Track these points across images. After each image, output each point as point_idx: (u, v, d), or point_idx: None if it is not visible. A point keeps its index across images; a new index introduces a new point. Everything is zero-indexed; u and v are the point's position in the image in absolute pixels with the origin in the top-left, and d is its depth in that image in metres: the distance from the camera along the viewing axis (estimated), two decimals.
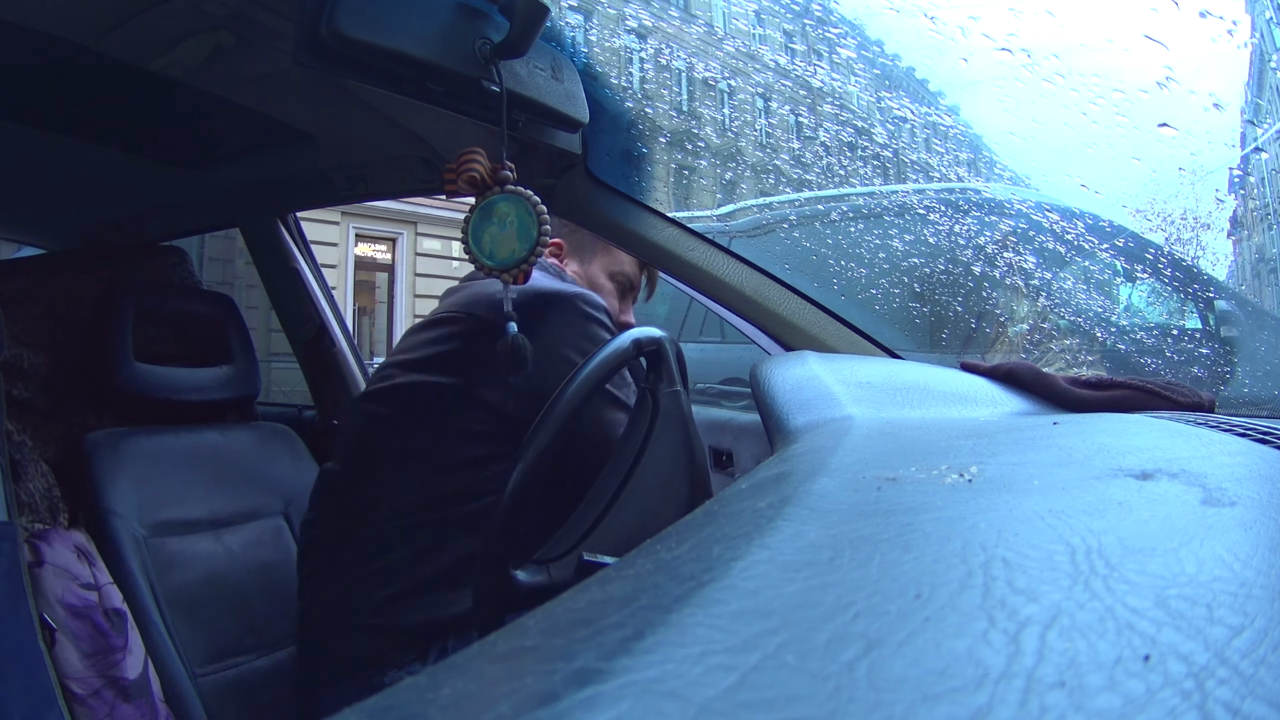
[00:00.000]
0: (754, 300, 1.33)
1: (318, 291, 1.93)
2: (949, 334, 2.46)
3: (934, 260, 2.48)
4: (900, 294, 2.39)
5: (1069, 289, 2.40)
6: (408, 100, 1.00)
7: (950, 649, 0.22)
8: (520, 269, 0.97)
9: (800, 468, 0.49)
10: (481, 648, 0.26)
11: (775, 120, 6.95)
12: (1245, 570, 0.28)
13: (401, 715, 0.21)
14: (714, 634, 0.23)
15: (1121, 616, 0.24)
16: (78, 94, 1.24)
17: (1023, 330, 2.39)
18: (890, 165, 3.32)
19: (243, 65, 1.17)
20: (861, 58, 3.33)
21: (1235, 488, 0.38)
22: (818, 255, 2.62)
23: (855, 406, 0.73)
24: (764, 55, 5.91)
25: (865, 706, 0.19)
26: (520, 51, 0.99)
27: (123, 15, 1.02)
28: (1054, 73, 1.76)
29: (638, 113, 1.46)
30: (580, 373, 0.96)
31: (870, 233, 2.69)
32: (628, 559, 0.36)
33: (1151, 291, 2.57)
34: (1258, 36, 2.10)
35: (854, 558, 0.30)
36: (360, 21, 0.86)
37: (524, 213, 0.97)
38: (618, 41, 1.60)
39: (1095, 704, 0.19)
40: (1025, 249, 2.31)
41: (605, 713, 0.19)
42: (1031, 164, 3.11)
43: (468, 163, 0.97)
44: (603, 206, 1.33)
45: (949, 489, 0.39)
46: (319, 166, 1.60)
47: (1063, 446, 0.51)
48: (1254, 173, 2.44)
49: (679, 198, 5.88)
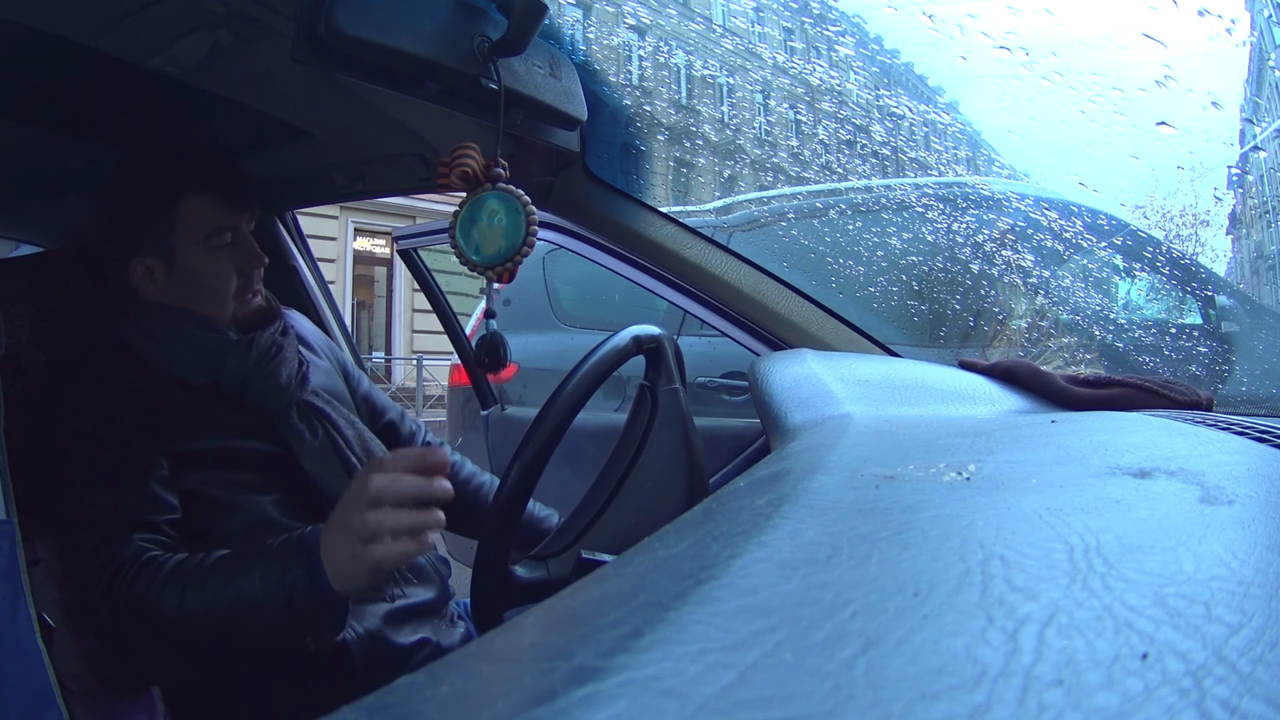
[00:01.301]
0: (752, 298, 1.33)
1: (315, 288, 1.92)
2: (947, 332, 2.47)
3: (932, 257, 2.48)
4: (898, 291, 2.39)
5: (1067, 286, 2.40)
6: (406, 98, 0.99)
7: (948, 647, 0.22)
8: (505, 266, 0.97)
9: (798, 466, 0.49)
10: (480, 645, 0.26)
11: (774, 117, 6.95)
12: (1243, 568, 0.28)
13: (400, 713, 0.21)
14: (712, 632, 0.23)
15: (1119, 614, 0.24)
16: (76, 91, 1.24)
17: (1021, 328, 2.39)
18: (889, 162, 3.32)
19: (241, 63, 1.16)
20: (860, 55, 3.33)
21: (1233, 486, 0.38)
22: (816, 253, 2.62)
23: (853, 404, 0.73)
24: (762, 52, 5.92)
25: (863, 704, 0.19)
26: (518, 49, 0.99)
27: (121, 13, 1.02)
28: (1052, 70, 1.76)
29: (636, 110, 1.46)
30: (579, 370, 0.96)
31: (868, 230, 2.69)
32: (626, 556, 0.36)
33: (1150, 289, 2.57)
34: (1256, 35, 2.10)
35: (852, 556, 0.30)
36: (358, 19, 0.86)
37: (513, 211, 0.97)
38: (616, 39, 1.60)
39: (1093, 702, 0.19)
40: (1024, 246, 2.31)
41: (603, 710, 0.19)
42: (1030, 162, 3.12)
43: (461, 157, 0.97)
44: (601, 204, 1.33)
45: (947, 487, 0.39)
46: (317, 164, 1.59)
47: (1061, 445, 0.51)
48: (1252, 170, 2.44)
49: (677, 194, 5.87)
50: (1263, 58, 2.12)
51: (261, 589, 0.95)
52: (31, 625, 0.86)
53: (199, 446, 1.11)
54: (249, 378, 1.15)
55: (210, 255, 1.16)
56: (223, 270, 1.16)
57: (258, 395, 1.15)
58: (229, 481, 1.12)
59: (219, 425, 1.14)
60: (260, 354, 1.16)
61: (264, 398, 1.16)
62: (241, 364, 1.14)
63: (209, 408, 1.14)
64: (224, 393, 1.15)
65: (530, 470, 0.91)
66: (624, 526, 1.03)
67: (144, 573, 0.99)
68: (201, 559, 1.00)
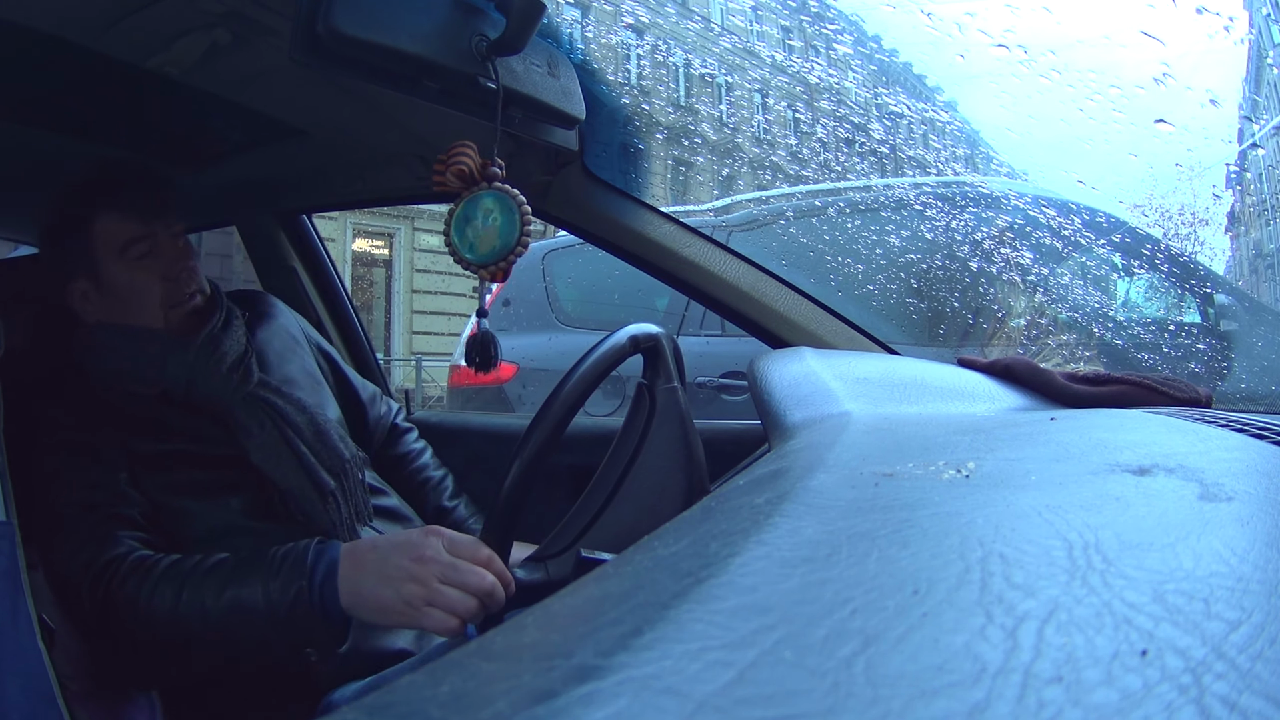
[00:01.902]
0: (751, 296, 1.33)
1: (311, 289, 1.92)
2: (946, 330, 2.47)
3: (931, 255, 2.49)
4: (897, 289, 2.39)
5: (1066, 284, 2.40)
6: (405, 97, 0.99)
7: (948, 644, 0.22)
8: (499, 266, 0.97)
9: (798, 464, 0.49)
10: (480, 644, 0.26)
11: (772, 116, 6.96)
12: (1242, 565, 0.28)
13: (401, 712, 0.21)
14: (712, 630, 0.23)
15: (1119, 611, 0.24)
16: (74, 92, 1.24)
17: (1020, 325, 2.39)
18: (887, 160, 3.33)
19: (239, 63, 1.16)
20: (858, 53, 3.33)
21: (1232, 483, 0.38)
22: (814, 251, 2.62)
23: (852, 402, 0.73)
24: (761, 51, 5.92)
25: (863, 702, 0.19)
26: (517, 48, 0.99)
27: (119, 13, 1.02)
28: (1050, 68, 1.76)
29: (635, 109, 1.46)
30: (577, 369, 0.96)
31: (867, 228, 2.69)
32: (625, 555, 0.36)
33: (1149, 286, 2.58)
34: (1255, 32, 2.10)
35: (851, 554, 0.30)
36: (356, 18, 0.86)
37: (507, 210, 0.96)
38: (615, 38, 1.60)
39: (1092, 699, 0.19)
40: (1022, 244, 2.32)
41: (603, 709, 0.19)
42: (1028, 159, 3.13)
43: (457, 156, 0.97)
44: (599, 203, 1.33)
45: (946, 485, 0.39)
46: (316, 164, 1.59)
47: (1060, 442, 0.51)
48: (1251, 168, 2.45)
49: (676, 193, 5.88)
50: (1261, 55, 2.12)
51: (264, 596, 0.95)
52: (32, 627, 0.86)
53: (158, 450, 1.12)
54: (192, 379, 1.16)
55: (130, 268, 1.17)
56: (147, 281, 1.18)
57: (204, 394, 1.16)
58: (190, 486, 1.13)
59: (175, 432, 1.15)
60: (197, 352, 1.16)
61: (210, 395, 1.16)
62: (182, 367, 1.15)
63: (164, 416, 1.16)
64: (174, 398, 1.16)
65: (529, 469, 0.91)
66: (623, 525, 1.03)
67: (135, 572, 1.00)
68: (199, 561, 1.01)
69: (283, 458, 1.15)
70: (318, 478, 1.15)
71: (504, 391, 3.35)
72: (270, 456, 1.15)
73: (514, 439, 0.93)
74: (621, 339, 1.02)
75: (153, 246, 1.18)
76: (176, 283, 1.19)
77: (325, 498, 1.15)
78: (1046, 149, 2.60)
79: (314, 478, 1.15)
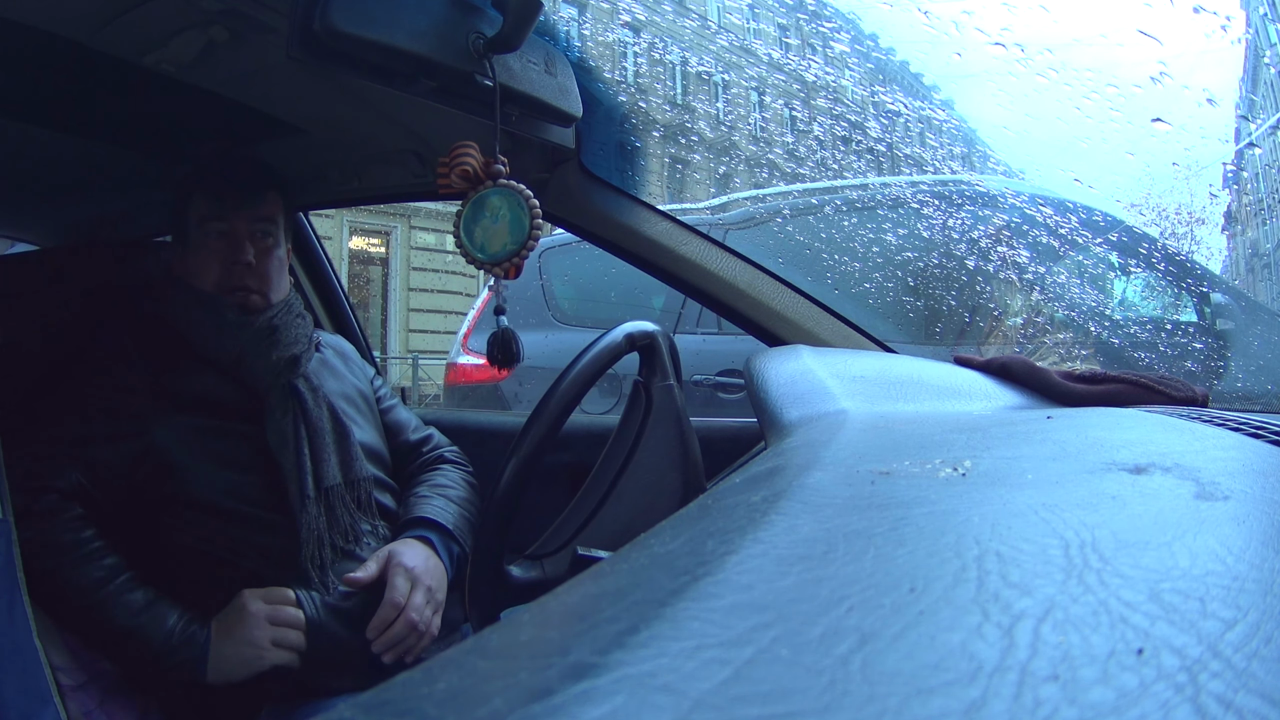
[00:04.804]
0: (748, 294, 1.33)
1: (309, 288, 1.91)
2: (943, 328, 2.47)
3: (928, 254, 2.49)
4: (894, 288, 2.39)
5: (1063, 283, 2.41)
6: (401, 95, 0.99)
7: (944, 643, 0.22)
8: (511, 262, 0.98)
9: (794, 462, 0.49)
10: (476, 642, 0.26)
11: (769, 114, 6.95)
12: (1238, 564, 0.28)
13: (397, 710, 0.21)
14: (708, 628, 0.23)
15: (1115, 610, 0.24)
16: (70, 89, 1.23)
17: (1016, 324, 2.40)
18: (884, 159, 3.33)
19: (236, 60, 1.16)
20: (855, 51, 3.33)
21: (1228, 482, 0.38)
22: (811, 249, 2.62)
23: (849, 400, 0.73)
24: (758, 49, 5.92)
25: (859, 700, 0.19)
26: (513, 46, 0.99)
27: (115, 10, 1.02)
28: (1048, 67, 1.76)
29: (631, 107, 1.46)
30: (573, 367, 0.96)
31: (864, 226, 2.69)
32: (622, 553, 0.36)
33: (1145, 285, 2.58)
34: (1252, 32, 2.11)
35: (848, 552, 0.30)
36: (353, 16, 0.86)
37: (516, 207, 0.97)
38: (611, 35, 1.60)
39: (1088, 697, 0.19)
40: (1019, 243, 2.32)
41: (600, 707, 0.19)
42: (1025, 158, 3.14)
43: (460, 156, 0.97)
44: (596, 201, 1.33)
45: (943, 483, 0.39)
46: (313, 162, 1.59)
47: (1056, 441, 0.52)
48: (1248, 168, 2.45)
49: (673, 191, 5.87)
50: (1258, 55, 2.12)
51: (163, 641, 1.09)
52: (28, 623, 0.86)
53: (190, 392, 1.21)
54: (242, 355, 1.23)
55: (202, 243, 1.27)
56: (209, 259, 1.28)
57: (250, 372, 1.23)
58: (204, 449, 1.19)
59: (211, 391, 1.23)
60: (252, 332, 1.24)
61: (255, 374, 1.23)
62: (233, 340, 1.23)
63: (208, 377, 1.24)
64: (224, 366, 1.24)
65: (525, 467, 0.91)
66: (620, 523, 1.03)
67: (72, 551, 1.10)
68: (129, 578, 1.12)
69: (288, 448, 1.20)
70: (303, 480, 1.19)
71: (500, 389, 3.35)
72: (282, 442, 1.20)
73: (510, 437, 0.93)
74: (618, 337, 1.02)
75: (226, 231, 1.27)
76: (230, 271, 1.26)
77: (302, 500, 1.18)
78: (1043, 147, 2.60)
79: (299, 479, 1.19)
